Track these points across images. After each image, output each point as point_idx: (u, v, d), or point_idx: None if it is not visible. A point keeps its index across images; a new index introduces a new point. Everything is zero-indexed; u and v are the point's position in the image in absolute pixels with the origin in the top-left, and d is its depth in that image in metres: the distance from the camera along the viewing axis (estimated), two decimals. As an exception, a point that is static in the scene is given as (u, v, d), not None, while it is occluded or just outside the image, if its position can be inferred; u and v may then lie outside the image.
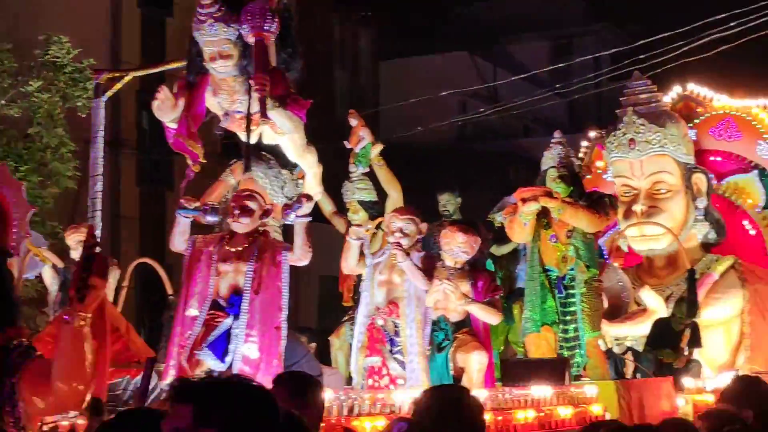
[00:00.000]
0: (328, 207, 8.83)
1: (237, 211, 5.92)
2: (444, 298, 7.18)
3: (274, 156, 7.11)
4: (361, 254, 6.96)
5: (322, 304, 21.62)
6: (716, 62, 12.92)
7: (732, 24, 12.41)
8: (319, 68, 29.42)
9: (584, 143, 11.06)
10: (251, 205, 5.95)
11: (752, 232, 10.16)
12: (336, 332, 8.52)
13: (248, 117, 6.23)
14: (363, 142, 8.43)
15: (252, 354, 5.70)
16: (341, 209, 8.85)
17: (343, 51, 30.20)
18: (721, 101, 10.44)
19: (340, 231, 8.33)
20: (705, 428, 4.42)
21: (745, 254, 9.88)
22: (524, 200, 7.95)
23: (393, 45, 31.62)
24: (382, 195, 8.66)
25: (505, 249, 9.44)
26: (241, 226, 5.92)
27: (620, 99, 10.17)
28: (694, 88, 10.55)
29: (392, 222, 6.97)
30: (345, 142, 8.55)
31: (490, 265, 9.27)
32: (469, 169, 28.85)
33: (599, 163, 10.81)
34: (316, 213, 7.14)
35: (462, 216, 9.51)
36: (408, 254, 6.71)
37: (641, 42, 14.77)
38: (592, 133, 11.05)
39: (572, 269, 8.08)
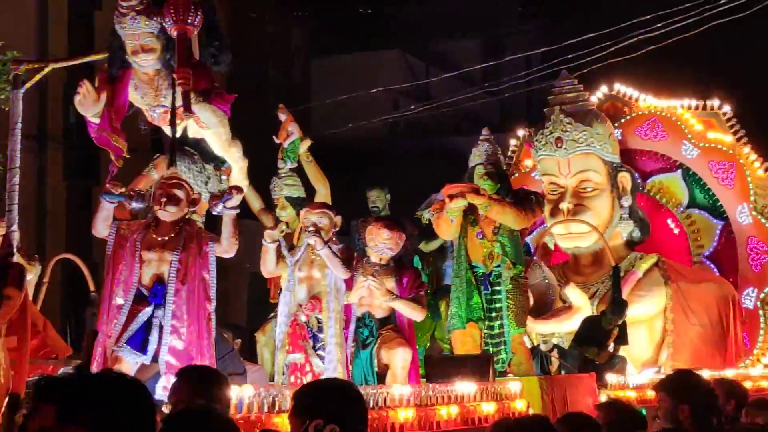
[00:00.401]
0: (256, 203, 8.77)
1: (164, 199, 5.83)
2: (369, 295, 7.16)
3: (199, 151, 7.05)
4: (282, 255, 6.91)
5: (252, 300, 21.50)
6: (643, 63, 13.05)
7: (658, 25, 12.51)
8: (251, 65, 29.36)
9: (513, 141, 11.12)
10: (178, 193, 5.87)
11: (675, 231, 10.29)
12: (262, 329, 8.47)
13: (172, 111, 6.15)
14: (291, 137, 8.38)
15: (179, 345, 5.61)
16: (269, 205, 8.78)
17: (275, 48, 30.11)
18: (646, 101, 10.54)
19: (269, 227, 8.25)
20: (601, 419, 4.46)
21: (669, 252, 10.00)
22: (451, 197, 7.94)
23: (326, 43, 31.57)
24: (311, 191, 8.59)
25: (432, 246, 9.43)
26: (168, 214, 5.83)
27: (548, 98, 10.22)
28: (620, 88, 10.65)
29: (306, 217, 6.93)
30: (273, 137, 8.48)
31: (417, 261, 9.28)
32: (400, 166, 28.91)
33: (527, 162, 10.87)
34: (245, 209, 7.09)
35: (392, 212, 9.51)
36: (326, 242, 6.67)
37: (570, 41, 14.90)
38: (521, 132, 11.10)
39: (498, 266, 8.09)
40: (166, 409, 3.68)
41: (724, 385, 5.44)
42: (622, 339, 8.39)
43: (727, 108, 10.30)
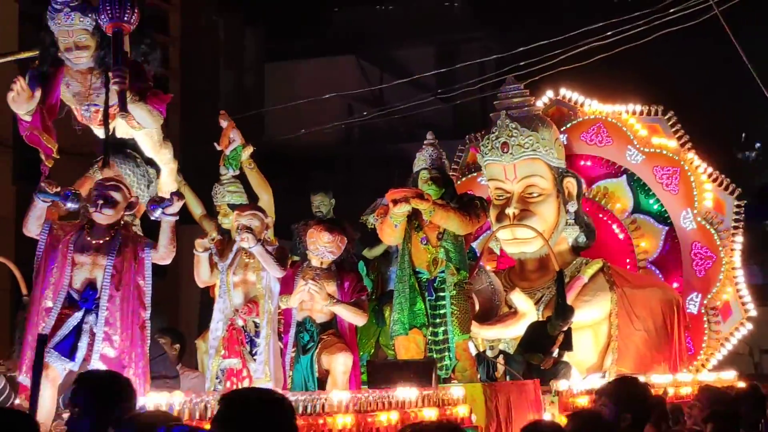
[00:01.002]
0: (197, 210, 8.64)
1: (100, 201, 5.71)
2: (309, 299, 7.07)
3: (139, 152, 6.91)
4: (215, 264, 6.80)
5: (204, 307, 21.35)
6: (590, 69, 13.12)
7: (609, 33, 12.55)
8: (203, 68, 29.18)
9: (459, 146, 11.06)
10: (116, 195, 5.74)
11: (621, 236, 10.30)
12: (202, 336, 8.34)
13: (105, 110, 6.02)
14: (233, 144, 8.30)
15: (111, 353, 5.48)
16: (211, 212, 8.68)
17: (228, 51, 29.93)
18: (592, 106, 10.54)
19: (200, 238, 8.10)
20: (570, 428, 4.42)
21: (614, 258, 9.99)
22: (395, 202, 7.83)
23: (279, 47, 31.45)
24: (254, 198, 8.51)
25: (376, 251, 9.36)
26: (104, 217, 5.71)
27: (494, 103, 10.18)
28: (566, 93, 10.63)
29: (237, 221, 6.82)
30: (215, 144, 8.39)
31: (362, 267, 9.18)
32: (354, 172, 28.83)
33: (474, 167, 10.78)
34: (184, 214, 6.96)
35: (340, 218, 9.41)
36: (259, 240, 6.59)
37: (522, 48, 14.93)
38: (467, 137, 11.06)
39: (443, 272, 8.01)
40: (65, 416, 3.57)
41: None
42: (566, 345, 8.37)
43: (671, 113, 10.29)
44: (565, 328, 8.36)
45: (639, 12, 12.24)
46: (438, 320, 7.95)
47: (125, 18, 5.85)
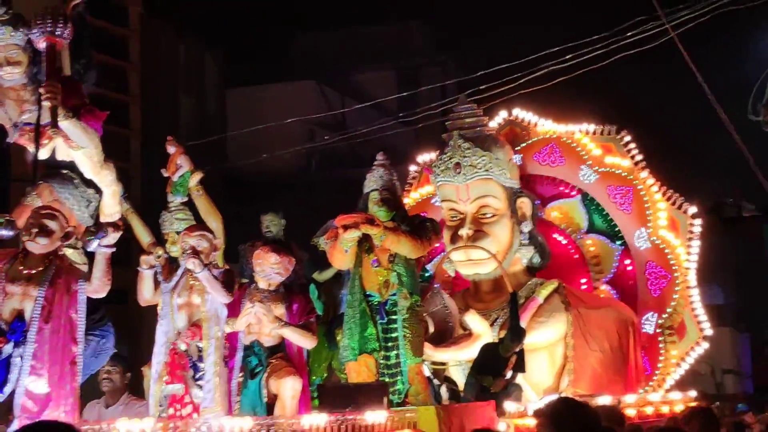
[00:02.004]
0: (146, 238, 8.44)
1: (35, 230, 5.49)
2: (257, 322, 6.91)
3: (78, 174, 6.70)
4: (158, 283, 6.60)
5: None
6: (553, 91, 13.13)
7: (568, 57, 12.52)
8: (163, 94, 28.95)
9: (412, 167, 10.91)
10: (51, 224, 5.54)
11: (575, 257, 10.16)
12: (149, 363, 8.12)
13: (37, 128, 5.78)
14: (181, 170, 8.12)
15: (38, 388, 5.25)
16: (160, 241, 8.51)
17: (189, 77, 29.75)
18: (545, 126, 10.43)
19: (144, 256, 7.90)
20: None
21: (569, 278, 9.85)
22: (345, 227, 7.73)
23: (241, 72, 31.33)
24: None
25: (327, 274, 9.22)
26: (38, 246, 5.51)
27: (446, 123, 10.06)
28: (520, 113, 10.52)
29: (184, 241, 6.68)
30: (162, 170, 8.26)
31: (313, 290, 9.03)
32: (316, 196, 28.70)
33: (428, 188, 10.67)
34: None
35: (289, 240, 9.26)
36: (206, 265, 6.43)
37: (482, 72, 14.92)
38: (421, 158, 10.89)
39: (394, 294, 7.91)
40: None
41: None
42: (519, 366, 8.24)
43: (624, 132, 10.21)
44: (517, 350, 8.22)
45: (597, 35, 12.24)
46: (390, 344, 7.83)
47: (57, 32, 5.66)
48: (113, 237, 5.61)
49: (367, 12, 34.36)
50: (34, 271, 5.48)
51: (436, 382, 8.63)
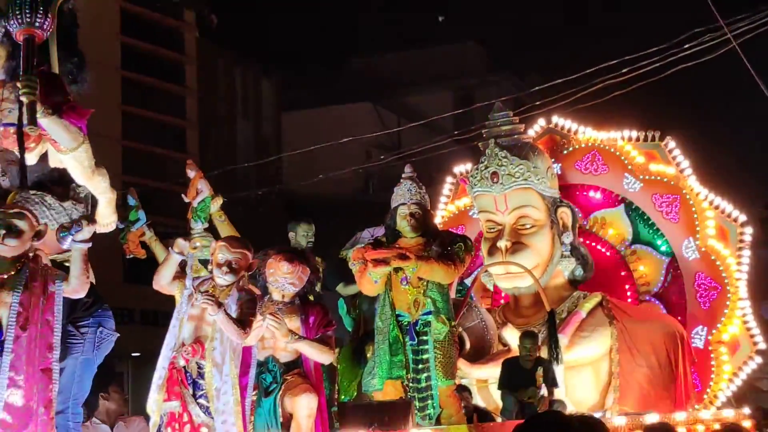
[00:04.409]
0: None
1: (2, 231, 5.12)
2: (270, 336, 6.63)
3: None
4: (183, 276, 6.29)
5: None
6: (610, 108, 12.95)
7: (624, 70, 12.27)
8: (221, 119, 29.00)
9: (449, 179, 10.56)
10: (20, 224, 5.16)
11: (620, 268, 9.68)
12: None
13: (19, 128, 5.39)
14: (201, 195, 7.81)
15: (17, 401, 4.86)
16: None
17: (245, 102, 29.80)
18: (586, 134, 9.99)
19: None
20: None
21: (613, 291, 9.39)
22: (375, 262, 7.53)
23: (296, 96, 31.30)
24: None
25: (353, 288, 8.92)
26: (7, 249, 5.12)
27: (482, 132, 9.67)
28: (558, 120, 10.10)
29: (220, 254, 6.41)
30: (183, 196, 8.02)
31: (341, 305, 8.83)
32: (374, 218, 28.50)
33: (465, 200, 10.29)
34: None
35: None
36: (221, 305, 6.05)
37: (537, 88, 14.76)
38: (457, 169, 10.53)
39: (426, 314, 7.64)
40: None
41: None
42: (551, 381, 7.92)
43: (668, 138, 9.75)
44: (542, 361, 7.98)
45: (655, 48, 12.07)
46: (420, 366, 7.55)
47: (37, 23, 5.27)
48: (88, 231, 5.25)
49: (423, 33, 34.17)
50: (5, 276, 5.10)
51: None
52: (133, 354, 27.05)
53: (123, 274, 27.27)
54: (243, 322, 6.19)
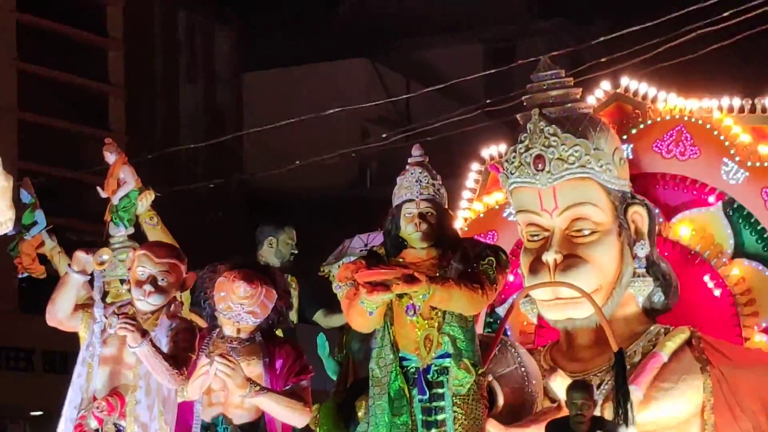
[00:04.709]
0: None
1: None
2: (221, 387, 6.73)
3: None
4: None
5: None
6: (703, 66, 13.08)
7: (725, 14, 12.74)
8: (158, 82, 29.04)
9: (474, 166, 10.64)
10: None
11: (716, 292, 9.69)
12: None
13: None
14: (124, 188, 8.03)
15: None
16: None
17: (192, 59, 29.91)
18: (668, 102, 10.04)
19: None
20: None
21: (707, 324, 9.44)
22: (371, 287, 7.48)
23: (263, 51, 31.44)
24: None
25: (335, 321, 9.01)
26: None
27: (522, 100, 9.74)
28: (630, 83, 10.14)
29: (139, 266, 6.57)
30: (98, 189, 8.25)
31: (322, 342, 8.86)
32: (372, 219, 28.53)
33: (497, 195, 10.39)
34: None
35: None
36: (146, 333, 6.21)
37: (601, 39, 15.09)
38: (486, 152, 10.61)
39: (442, 357, 7.73)
40: None
41: None
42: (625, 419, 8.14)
43: (787, 108, 9.81)
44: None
45: None
46: (434, 430, 7.67)
47: None
48: None
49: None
50: None
51: None
52: (33, 413, 27.09)
53: (17, 301, 27.29)
54: (178, 359, 6.32)
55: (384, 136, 24.34)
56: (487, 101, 22.37)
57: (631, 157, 9.74)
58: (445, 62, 32.86)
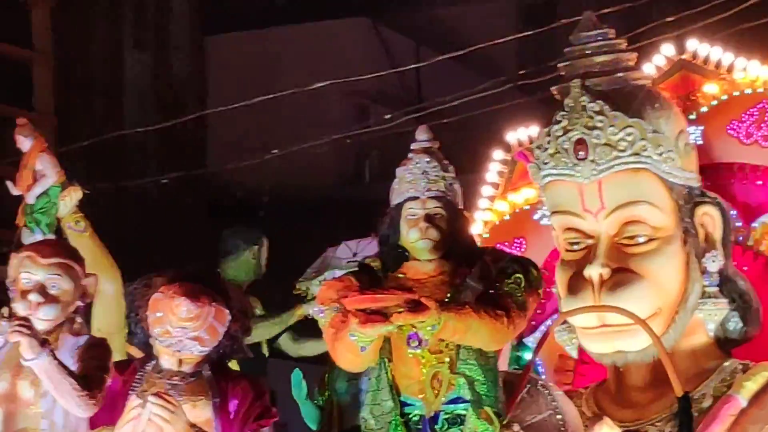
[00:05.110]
0: None
1: None
2: None
3: None
4: None
5: None
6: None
7: None
8: (96, 49, 29.03)
9: (497, 154, 10.75)
10: None
11: (810, 319, 9.72)
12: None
13: None
14: (42, 183, 8.23)
15: None
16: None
17: (140, 20, 29.97)
18: (748, 72, 10.09)
19: None
20: None
21: None
22: (365, 318, 7.34)
23: (230, 10, 31.54)
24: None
25: (309, 349, 9.06)
26: None
27: (559, 67, 9.71)
28: (699, 48, 10.20)
29: (23, 272, 6.80)
30: (8, 184, 8.53)
31: (297, 378, 9.02)
32: (372, 221, 28.54)
33: (527, 192, 10.44)
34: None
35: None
36: (46, 342, 6.44)
37: None
38: (512, 136, 10.70)
39: (454, 400, 7.79)
40: None
41: None
42: None
43: None
44: None
45: None
46: None
47: None
48: None
49: None
50: None
51: None
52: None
53: None
54: (87, 378, 6.55)
55: (387, 117, 24.47)
56: (521, 72, 22.55)
57: (700, 142, 9.78)
58: (466, 23, 32.93)
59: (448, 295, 7.82)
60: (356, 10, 32.06)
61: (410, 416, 7.75)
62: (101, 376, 6.59)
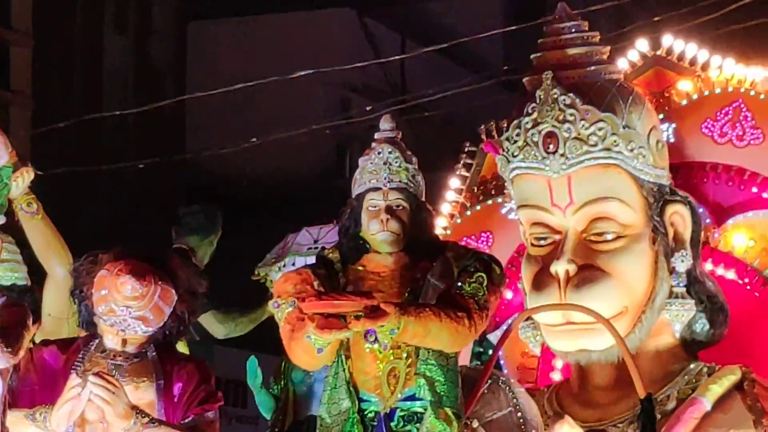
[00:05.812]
0: None
1: None
2: (98, 416, 6.81)
3: None
4: None
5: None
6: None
7: None
8: (76, 31, 29.02)
9: (468, 148, 10.78)
10: None
11: (776, 320, 9.76)
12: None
13: None
14: None
15: None
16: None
17: (122, 3, 29.96)
18: (723, 70, 10.07)
19: None
20: None
21: (765, 363, 9.41)
22: (323, 322, 7.29)
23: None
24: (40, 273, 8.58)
25: (233, 328, 9.13)
26: None
27: (531, 58, 9.66)
28: (675, 43, 10.17)
29: None
30: None
31: (252, 367, 8.80)
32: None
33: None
34: None
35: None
36: None
37: None
38: (483, 128, 10.67)
39: (410, 397, 7.79)
40: None
41: None
42: None
43: None
44: None
45: None
46: None
47: None
48: None
49: None
50: None
51: None
52: None
53: None
54: (4, 331, 6.55)
55: (369, 108, 24.43)
56: (506, 68, 22.54)
57: (672, 140, 9.79)
58: (454, 18, 32.96)
59: (408, 290, 7.82)
60: (342, 1, 32.12)
61: (366, 413, 7.74)
62: (19, 331, 6.56)
